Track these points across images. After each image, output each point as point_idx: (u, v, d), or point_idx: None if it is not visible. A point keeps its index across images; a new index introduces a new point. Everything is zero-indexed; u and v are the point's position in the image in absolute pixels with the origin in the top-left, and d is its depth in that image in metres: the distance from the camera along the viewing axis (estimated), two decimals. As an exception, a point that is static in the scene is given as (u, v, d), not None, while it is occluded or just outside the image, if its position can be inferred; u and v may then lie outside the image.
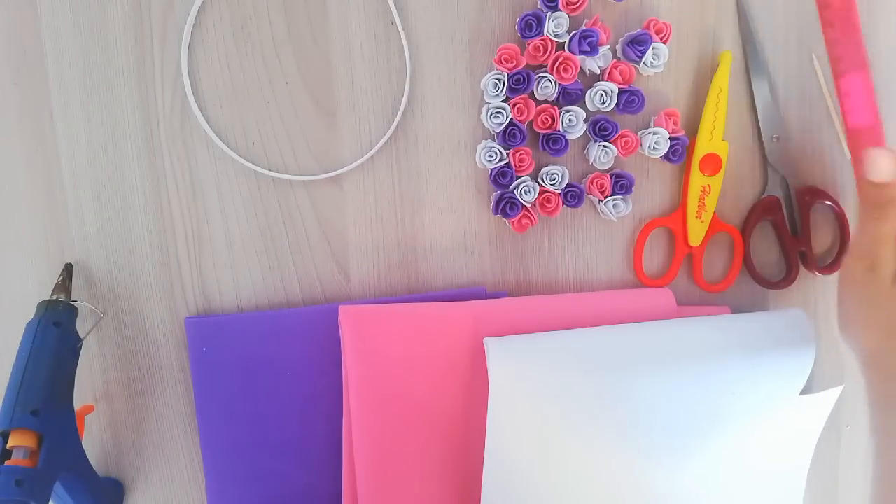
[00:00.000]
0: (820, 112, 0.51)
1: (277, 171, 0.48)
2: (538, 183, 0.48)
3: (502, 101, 0.47)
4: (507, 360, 0.45)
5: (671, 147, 0.49)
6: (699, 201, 0.50)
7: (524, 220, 0.49)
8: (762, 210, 0.51)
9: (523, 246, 0.51)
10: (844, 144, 0.51)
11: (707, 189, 0.50)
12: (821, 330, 0.54)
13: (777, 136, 0.51)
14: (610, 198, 0.49)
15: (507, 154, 0.48)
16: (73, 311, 0.46)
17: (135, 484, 0.51)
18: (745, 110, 0.51)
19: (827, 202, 0.51)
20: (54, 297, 0.45)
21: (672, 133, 0.49)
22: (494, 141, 0.48)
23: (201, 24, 0.46)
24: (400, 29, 0.47)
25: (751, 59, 0.50)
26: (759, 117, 0.51)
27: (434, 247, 0.50)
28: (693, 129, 0.50)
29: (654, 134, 0.48)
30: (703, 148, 0.49)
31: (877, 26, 0.51)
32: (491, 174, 0.48)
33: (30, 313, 0.45)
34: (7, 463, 0.40)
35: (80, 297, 0.48)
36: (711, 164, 0.50)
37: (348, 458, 0.47)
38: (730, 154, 0.50)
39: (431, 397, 0.47)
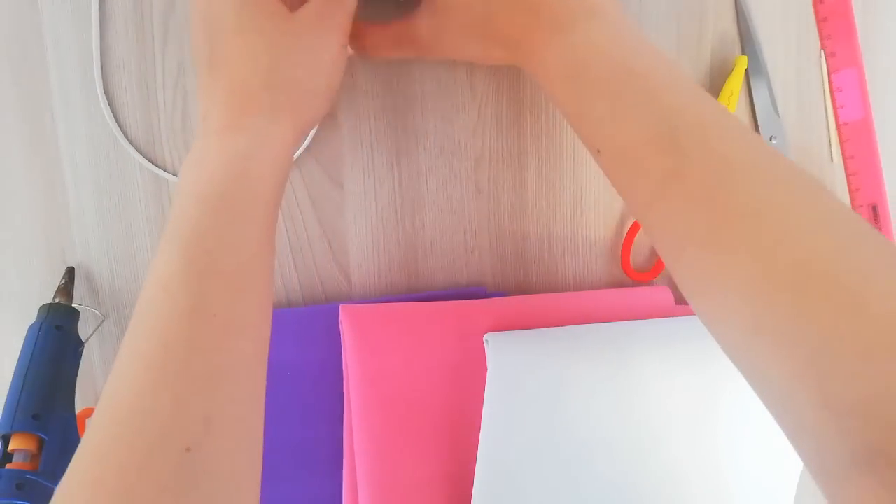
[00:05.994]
0: (818, 113, 0.52)
1: (278, 172, 0.48)
2: (538, 183, 0.49)
3: (503, 102, 0.47)
4: (506, 356, 0.45)
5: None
6: (698, 201, 0.50)
7: (524, 221, 0.49)
8: (761, 210, 0.51)
9: (523, 246, 0.51)
10: (834, 147, 0.52)
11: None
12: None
13: (775, 137, 0.51)
14: (610, 198, 0.49)
15: (508, 155, 0.48)
16: (74, 315, 0.46)
17: (136, 484, 0.51)
18: (745, 110, 0.51)
19: (825, 202, 0.52)
20: (56, 300, 0.45)
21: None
22: (495, 141, 0.48)
23: (201, 25, 0.46)
24: (400, 29, 0.47)
25: (750, 59, 0.50)
26: (758, 118, 0.51)
27: (434, 247, 0.50)
28: (692, 129, 0.50)
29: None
30: (702, 148, 0.49)
31: (872, 23, 0.51)
32: (491, 175, 0.48)
33: (31, 316, 0.45)
34: (8, 466, 0.40)
35: (80, 297, 0.48)
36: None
37: (349, 458, 0.47)
38: (729, 154, 0.51)
39: (432, 397, 0.47)
